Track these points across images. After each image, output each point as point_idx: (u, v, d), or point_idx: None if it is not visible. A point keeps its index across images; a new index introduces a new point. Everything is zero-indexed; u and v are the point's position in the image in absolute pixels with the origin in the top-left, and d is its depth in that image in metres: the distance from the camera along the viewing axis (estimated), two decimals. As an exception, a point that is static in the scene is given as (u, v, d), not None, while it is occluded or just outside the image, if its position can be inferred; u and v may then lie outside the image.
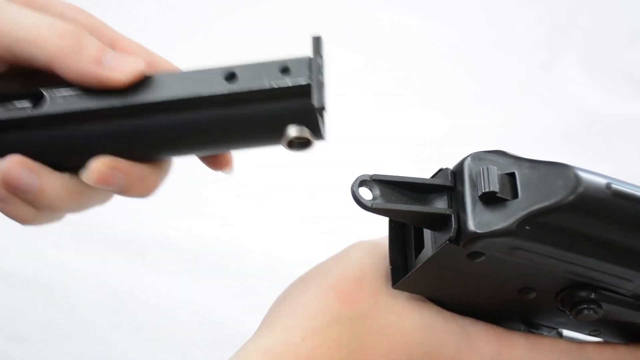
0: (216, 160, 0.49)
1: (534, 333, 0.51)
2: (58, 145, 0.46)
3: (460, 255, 0.45)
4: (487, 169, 0.45)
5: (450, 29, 1.01)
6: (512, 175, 0.45)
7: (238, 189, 0.90)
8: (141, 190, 0.47)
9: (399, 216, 0.46)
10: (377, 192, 0.46)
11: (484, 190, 0.44)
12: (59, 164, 0.46)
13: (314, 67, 0.44)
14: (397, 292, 0.49)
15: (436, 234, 0.46)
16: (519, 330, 0.51)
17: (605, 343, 0.51)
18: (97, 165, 0.45)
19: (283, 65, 0.45)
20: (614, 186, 0.44)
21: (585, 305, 0.46)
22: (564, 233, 0.44)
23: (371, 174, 0.46)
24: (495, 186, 0.44)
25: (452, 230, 0.44)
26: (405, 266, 0.49)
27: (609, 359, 0.51)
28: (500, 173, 0.45)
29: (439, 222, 0.45)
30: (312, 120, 0.44)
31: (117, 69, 0.45)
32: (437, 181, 0.47)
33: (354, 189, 0.45)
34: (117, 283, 0.83)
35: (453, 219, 0.44)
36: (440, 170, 0.47)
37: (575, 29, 1.03)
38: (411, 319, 0.48)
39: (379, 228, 0.52)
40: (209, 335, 0.81)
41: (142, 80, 0.45)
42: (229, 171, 0.49)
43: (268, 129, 0.45)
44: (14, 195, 0.45)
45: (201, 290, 0.84)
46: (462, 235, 0.44)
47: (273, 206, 0.90)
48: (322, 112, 0.45)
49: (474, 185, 0.45)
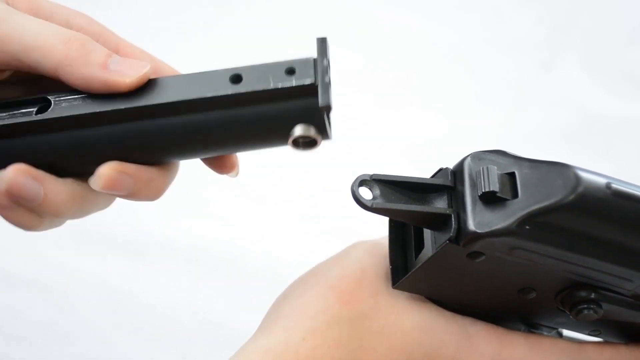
0: (221, 164, 0.49)
1: (534, 333, 0.51)
2: (63, 150, 0.46)
3: (460, 255, 0.45)
4: (487, 168, 0.45)
5: (450, 29, 1.01)
6: (512, 175, 0.45)
7: (238, 189, 0.90)
8: (149, 194, 0.47)
9: (398, 216, 0.46)
10: (377, 192, 0.46)
11: (484, 190, 0.44)
12: (64, 170, 0.46)
13: (319, 68, 0.44)
14: (397, 292, 0.49)
15: (436, 233, 0.46)
16: (519, 330, 0.51)
17: (605, 343, 0.51)
18: (105, 170, 0.45)
19: (289, 67, 0.45)
20: (614, 186, 0.44)
21: (585, 305, 0.46)
22: (564, 233, 0.44)
23: (371, 174, 0.46)
24: (495, 186, 0.44)
25: (452, 230, 0.44)
26: (405, 266, 0.49)
27: (609, 358, 0.51)
28: (500, 173, 0.45)
29: (439, 222, 0.45)
30: (318, 119, 0.44)
31: (123, 72, 0.45)
32: (437, 181, 0.47)
33: (354, 188, 0.45)
34: (117, 283, 0.83)
35: (453, 219, 0.44)
36: (440, 170, 0.47)
37: (575, 29, 1.03)
38: (411, 318, 0.48)
39: (379, 228, 0.52)
40: (209, 335, 0.81)
41: (148, 84, 0.46)
42: (235, 174, 0.50)
43: (274, 129, 0.45)
44: (17, 203, 0.45)
45: (201, 290, 0.84)
46: (462, 235, 0.44)
47: (273, 206, 0.90)
48: (328, 112, 0.45)
49: (474, 185, 0.45)
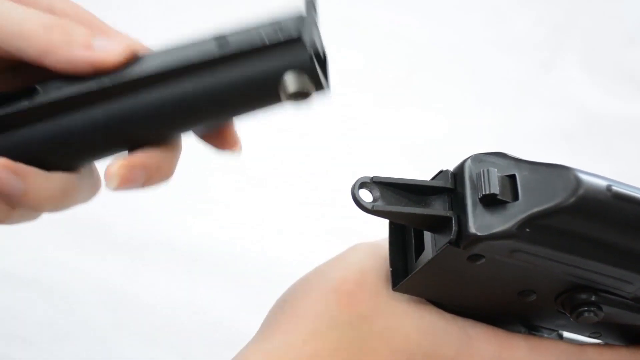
0: (223, 140, 0.48)
1: (534, 335, 0.51)
2: (51, 141, 0.45)
3: (460, 258, 0.45)
4: (488, 171, 0.45)
5: (450, 29, 1.01)
6: (513, 177, 0.45)
7: (238, 189, 0.90)
8: (161, 177, 0.46)
9: (399, 218, 0.46)
10: (377, 194, 0.45)
11: (484, 193, 0.44)
12: (52, 161, 0.45)
13: (306, 20, 0.43)
14: (398, 295, 0.49)
15: (436, 236, 0.46)
16: (519, 332, 0.51)
17: (606, 345, 0.51)
18: (115, 170, 0.44)
19: (274, 22, 0.44)
20: (615, 188, 0.44)
21: (585, 308, 0.46)
22: (564, 235, 0.44)
23: (371, 176, 0.46)
24: (495, 188, 0.44)
25: (453, 232, 0.44)
26: (405, 268, 0.48)
27: (609, 360, 0.51)
28: (500, 175, 0.45)
29: (439, 225, 0.45)
30: (310, 69, 0.43)
31: (108, 49, 0.44)
32: (438, 183, 0.46)
33: (354, 191, 0.45)
34: (117, 283, 0.83)
35: (453, 222, 0.44)
36: (441, 172, 0.47)
37: (575, 29, 1.03)
38: (411, 321, 0.48)
39: (379, 228, 0.52)
40: (209, 335, 0.81)
41: (135, 59, 0.45)
42: (238, 151, 0.48)
43: (266, 85, 0.44)
44: None
45: (201, 290, 0.83)
46: (463, 238, 0.44)
47: (273, 206, 0.90)
48: (320, 60, 0.44)
49: (474, 188, 0.45)
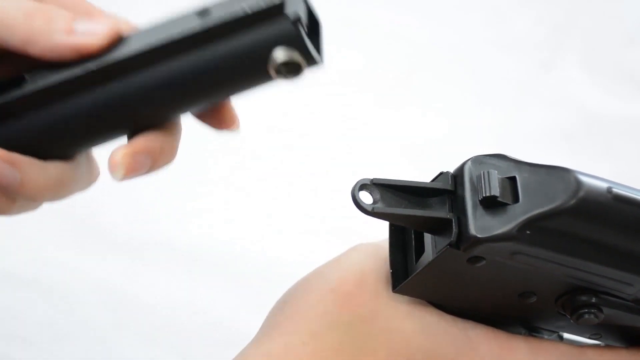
0: (220, 119, 0.47)
1: (534, 337, 0.51)
2: (42, 128, 0.44)
3: (460, 260, 0.45)
4: (488, 173, 0.45)
5: (450, 29, 1.01)
6: (513, 179, 0.45)
7: (238, 189, 0.90)
8: (165, 159, 0.46)
9: (399, 220, 0.46)
10: (378, 196, 0.45)
11: (484, 195, 0.44)
12: (46, 150, 0.44)
13: None
14: (398, 296, 0.48)
15: (437, 238, 0.46)
16: (519, 333, 0.50)
17: (606, 347, 0.51)
18: (119, 159, 0.44)
19: None
20: (615, 190, 0.44)
21: (586, 310, 0.46)
22: (564, 237, 0.44)
23: (371, 178, 0.46)
24: (496, 190, 0.44)
25: (453, 234, 0.44)
26: (405, 270, 0.48)
27: (609, 362, 0.51)
28: (500, 177, 0.45)
29: (439, 227, 0.45)
30: (296, 40, 0.40)
31: (91, 33, 0.43)
32: (438, 185, 0.46)
33: (355, 193, 0.45)
34: (117, 283, 0.83)
35: (454, 224, 0.44)
36: (441, 173, 0.47)
37: (575, 29, 1.03)
38: (412, 322, 0.48)
39: (379, 228, 0.52)
40: (209, 335, 0.81)
41: (119, 41, 0.43)
42: (236, 129, 0.47)
43: (253, 59, 0.42)
44: None
45: (201, 290, 0.84)
46: (463, 240, 0.44)
47: (273, 206, 0.90)
48: (313, 29, 0.41)
49: (474, 190, 0.45)
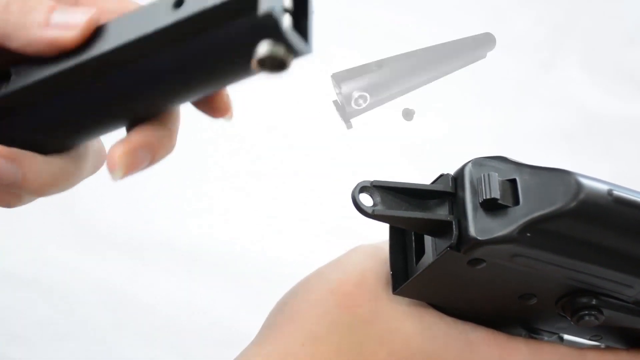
0: (213, 107, 0.45)
1: (535, 338, 0.51)
2: (32, 124, 0.43)
3: (461, 262, 0.45)
4: (488, 175, 0.44)
5: (450, 29, 1.01)
6: (513, 182, 0.45)
7: (238, 189, 0.90)
8: (165, 151, 0.44)
9: (399, 223, 0.46)
10: (378, 199, 0.45)
11: (485, 197, 0.44)
12: (42, 145, 0.43)
13: None
14: (398, 298, 0.48)
15: (437, 240, 0.46)
16: (520, 335, 0.50)
17: (606, 348, 0.51)
18: (117, 159, 0.42)
19: None
20: (616, 193, 0.44)
21: (586, 312, 0.46)
22: (565, 240, 0.44)
23: (372, 180, 0.46)
24: (496, 193, 0.44)
25: (453, 236, 0.44)
26: (405, 272, 0.48)
27: (609, 364, 0.51)
28: (501, 179, 0.45)
29: (439, 229, 0.45)
30: (276, 34, 0.37)
31: (67, 25, 0.41)
32: (438, 187, 0.46)
33: (355, 195, 0.45)
34: (117, 283, 0.83)
35: (454, 226, 0.44)
36: (441, 176, 0.47)
37: (575, 29, 1.03)
38: (412, 324, 0.48)
39: (379, 229, 0.52)
40: (209, 335, 0.81)
41: (96, 33, 0.41)
42: (229, 117, 0.45)
43: (233, 54, 0.39)
44: None
45: (201, 290, 0.84)
46: (463, 242, 0.44)
47: (273, 206, 0.90)
48: (295, 13, 0.38)
49: (475, 192, 0.45)
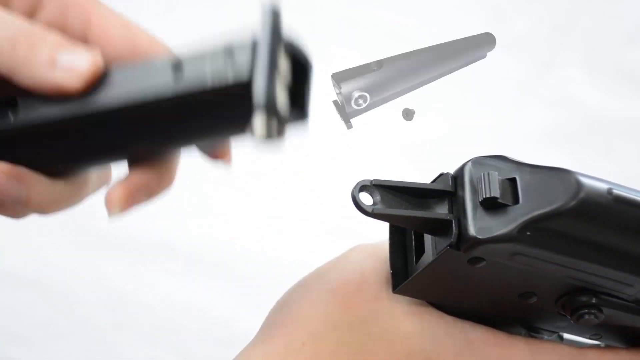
0: (212, 151, 0.46)
1: (534, 337, 0.51)
2: (37, 155, 0.43)
3: (460, 261, 0.45)
4: (488, 174, 0.45)
5: (450, 29, 1.01)
6: (513, 181, 0.45)
7: (238, 189, 0.90)
8: (163, 188, 0.45)
9: (399, 221, 0.46)
10: (378, 198, 0.45)
11: (485, 196, 0.44)
12: (47, 170, 0.44)
13: (261, 51, 0.37)
14: (398, 297, 0.49)
15: (437, 239, 0.46)
16: (519, 334, 0.51)
17: (606, 347, 0.51)
18: (116, 200, 0.43)
19: (227, 49, 0.39)
20: (616, 191, 0.44)
21: (586, 310, 0.46)
22: (565, 239, 0.44)
23: (372, 179, 0.46)
24: (496, 192, 0.44)
25: (453, 235, 0.44)
26: (405, 271, 0.48)
27: (609, 363, 0.51)
28: (501, 178, 0.45)
29: (439, 228, 0.45)
30: (273, 114, 0.37)
31: (72, 69, 0.41)
32: (438, 186, 0.46)
33: (355, 194, 0.45)
34: (117, 283, 0.83)
35: (454, 225, 0.44)
36: (441, 175, 0.47)
37: (575, 29, 1.03)
38: (412, 323, 0.48)
39: (379, 228, 0.52)
40: (209, 335, 0.81)
41: (101, 79, 0.42)
42: (227, 162, 0.46)
43: (230, 124, 0.40)
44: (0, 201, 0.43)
45: (201, 290, 0.84)
46: (463, 241, 0.44)
47: (273, 206, 0.90)
48: (294, 79, 0.38)
49: (474, 191, 0.45)
